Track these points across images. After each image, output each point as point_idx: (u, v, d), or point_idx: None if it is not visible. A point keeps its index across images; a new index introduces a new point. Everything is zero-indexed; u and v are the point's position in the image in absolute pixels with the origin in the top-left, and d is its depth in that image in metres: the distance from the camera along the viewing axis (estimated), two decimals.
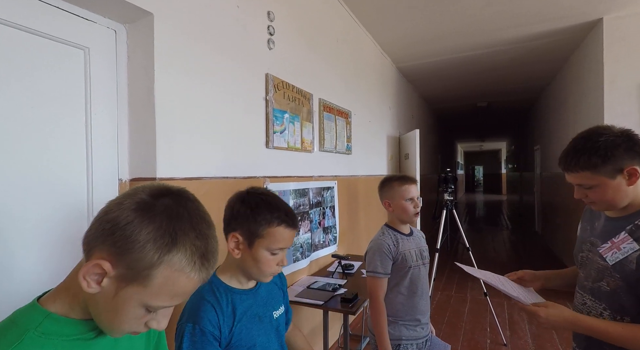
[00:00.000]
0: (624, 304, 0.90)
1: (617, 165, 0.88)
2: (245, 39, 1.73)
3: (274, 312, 1.00)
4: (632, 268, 0.87)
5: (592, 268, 0.99)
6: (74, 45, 1.14)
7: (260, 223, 0.87)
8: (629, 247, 0.89)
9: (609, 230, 0.96)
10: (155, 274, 0.47)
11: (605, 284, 0.94)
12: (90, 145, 1.20)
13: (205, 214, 0.54)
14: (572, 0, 2.91)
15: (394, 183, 1.47)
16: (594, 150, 0.88)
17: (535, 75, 5.13)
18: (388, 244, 1.42)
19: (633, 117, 3.09)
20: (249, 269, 0.91)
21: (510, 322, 3.08)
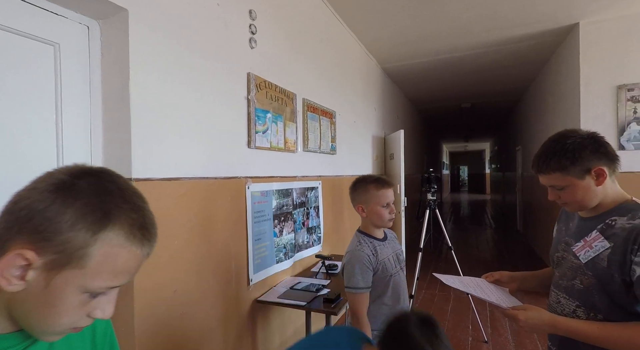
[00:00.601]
0: (596, 302, 0.93)
1: (584, 166, 0.92)
2: (226, 38, 1.71)
3: None
4: (603, 266, 0.90)
5: (566, 267, 1.02)
6: (43, 41, 1.10)
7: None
8: (600, 245, 0.92)
9: (582, 229, 1.00)
10: (92, 252, 0.43)
11: (578, 282, 0.96)
12: (62, 144, 1.16)
13: (135, 188, 0.50)
14: (548, 6, 2.99)
15: (369, 186, 1.36)
16: (563, 152, 0.93)
17: (516, 78, 5.26)
18: (368, 255, 1.31)
19: (607, 119, 3.20)
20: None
21: (492, 319, 3.15)
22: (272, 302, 1.86)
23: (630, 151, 3.13)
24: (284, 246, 2.22)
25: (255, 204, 1.92)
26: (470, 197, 17.85)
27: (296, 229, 2.38)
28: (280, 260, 2.18)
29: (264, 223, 2.02)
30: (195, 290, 1.50)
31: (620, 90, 3.14)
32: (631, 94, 3.11)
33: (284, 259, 2.22)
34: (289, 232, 2.30)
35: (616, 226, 0.91)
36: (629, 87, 3.11)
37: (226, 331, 1.69)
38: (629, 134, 3.12)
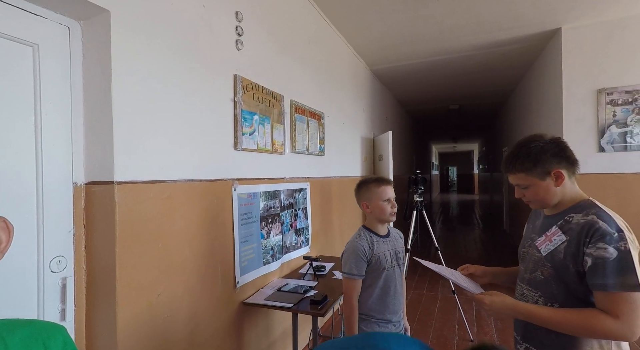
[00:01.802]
0: (554, 291, 1.03)
1: (545, 168, 1.02)
2: (212, 39, 1.70)
3: None
4: (560, 257, 1.00)
5: (530, 260, 1.13)
6: (21, 42, 1.08)
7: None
8: (558, 238, 1.03)
9: (545, 226, 1.10)
10: None
11: (539, 274, 1.07)
12: (41, 147, 1.14)
13: None
14: (531, 11, 3.06)
15: (370, 185, 1.52)
16: (527, 155, 1.04)
17: (502, 80, 5.36)
18: (363, 247, 1.46)
19: (588, 122, 3.29)
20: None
21: (478, 318, 3.20)
22: (259, 304, 1.86)
23: (609, 153, 3.22)
24: (271, 248, 2.22)
25: (242, 206, 1.92)
26: (459, 198, 18.10)
27: (284, 230, 2.38)
28: (268, 262, 2.18)
29: (251, 225, 2.01)
30: (179, 293, 1.49)
31: (601, 94, 3.23)
32: (610, 98, 3.20)
33: (272, 260, 2.22)
34: (277, 233, 2.29)
35: (572, 222, 1.01)
36: (608, 91, 3.21)
37: (212, 334, 1.68)
38: (608, 136, 3.22)
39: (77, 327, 1.24)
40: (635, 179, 3.15)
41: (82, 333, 1.25)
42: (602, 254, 0.91)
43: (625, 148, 3.17)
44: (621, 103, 3.18)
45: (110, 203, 1.22)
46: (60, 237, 1.19)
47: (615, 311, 0.90)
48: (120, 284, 1.23)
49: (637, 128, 3.13)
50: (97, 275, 1.25)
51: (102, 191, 1.24)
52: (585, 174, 3.30)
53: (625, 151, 3.18)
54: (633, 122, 3.15)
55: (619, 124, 3.19)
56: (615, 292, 0.90)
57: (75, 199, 1.23)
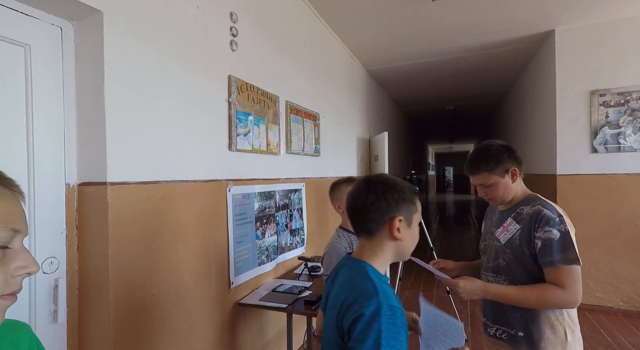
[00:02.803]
0: (516, 274, 1.19)
1: (504, 167, 1.21)
2: (206, 40, 1.70)
3: None
4: (517, 243, 1.18)
5: (491, 250, 1.29)
6: (12, 42, 1.07)
7: (412, 200, 0.89)
8: (513, 228, 1.21)
9: (501, 219, 1.28)
10: None
11: (502, 260, 1.23)
12: (32, 148, 1.14)
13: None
14: (525, 13, 3.09)
15: (341, 185, 1.52)
16: (490, 156, 1.22)
17: (497, 81, 5.39)
18: (345, 247, 1.47)
19: (581, 123, 3.32)
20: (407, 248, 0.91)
21: (472, 318, 3.22)
22: (254, 304, 1.86)
23: (602, 154, 3.26)
24: (266, 248, 2.22)
25: (236, 206, 1.92)
26: (456, 198, 18.17)
27: (279, 231, 2.39)
28: (263, 262, 2.18)
29: (245, 225, 2.01)
30: (173, 294, 1.49)
31: (593, 96, 3.26)
32: (603, 99, 3.24)
33: (267, 261, 2.22)
34: (272, 234, 2.30)
35: (523, 213, 1.20)
36: (601, 93, 3.24)
37: (206, 334, 1.68)
38: (601, 137, 3.25)
39: (69, 328, 1.23)
40: (627, 179, 3.19)
41: (74, 334, 1.25)
42: (549, 236, 1.10)
43: (618, 149, 3.21)
44: (614, 104, 3.21)
45: (103, 204, 1.22)
46: (52, 238, 1.18)
47: (561, 282, 1.08)
48: (113, 285, 1.23)
49: (630, 129, 3.17)
50: (89, 277, 1.25)
51: (94, 192, 1.23)
52: (578, 174, 3.33)
53: (618, 152, 3.21)
54: (625, 123, 3.18)
55: (611, 125, 3.22)
56: (561, 267, 1.08)
57: (67, 200, 1.23)
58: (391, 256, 0.90)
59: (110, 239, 1.21)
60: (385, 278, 0.88)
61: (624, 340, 2.71)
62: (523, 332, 1.18)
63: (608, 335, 2.79)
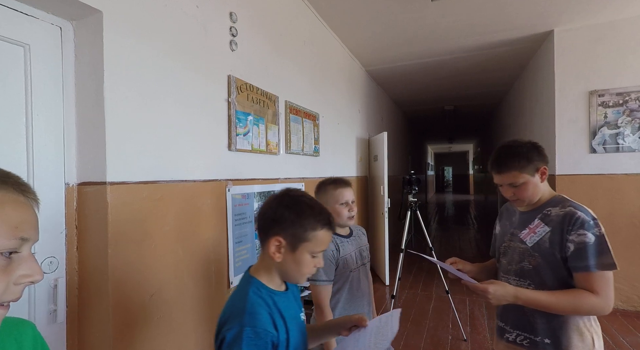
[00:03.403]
0: (543, 278, 1.13)
1: (535, 165, 1.16)
2: (206, 40, 1.70)
3: (300, 314, 0.99)
4: (546, 246, 1.13)
5: (514, 253, 1.23)
6: (12, 42, 1.07)
7: (306, 227, 0.86)
8: (542, 230, 1.15)
9: (525, 220, 1.22)
10: None
11: (527, 263, 1.17)
12: (32, 148, 1.13)
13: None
14: (523, 13, 3.09)
15: (328, 187, 1.45)
16: (520, 154, 1.16)
17: (496, 82, 5.40)
18: (331, 250, 1.40)
19: (580, 123, 3.33)
20: (289, 272, 0.88)
21: (471, 317, 3.22)
22: None
23: (601, 154, 3.27)
24: None
25: (236, 206, 1.92)
26: (455, 198, 18.20)
27: None
28: None
29: (245, 225, 2.01)
30: (172, 294, 1.49)
31: (592, 96, 3.27)
32: (602, 100, 3.25)
33: None
34: None
35: (552, 214, 1.15)
36: (599, 93, 3.25)
37: (205, 334, 1.68)
38: (600, 137, 3.26)
39: (69, 328, 1.23)
40: (626, 179, 3.19)
41: (74, 334, 1.25)
42: (583, 239, 1.05)
43: (616, 149, 3.22)
44: (612, 105, 3.22)
45: (102, 204, 1.22)
46: (52, 238, 1.18)
47: (595, 288, 1.03)
48: (113, 284, 1.23)
49: (628, 129, 3.18)
50: (89, 276, 1.25)
51: (94, 192, 1.23)
52: (577, 174, 3.34)
53: (617, 152, 3.22)
54: (624, 123, 3.19)
55: (610, 126, 3.23)
56: (595, 272, 1.03)
57: (67, 199, 1.23)
58: (278, 274, 0.89)
59: (109, 238, 1.22)
60: (276, 292, 0.88)
61: (623, 340, 2.72)
62: (549, 339, 1.13)
63: (606, 335, 2.80)
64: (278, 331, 0.82)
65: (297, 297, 1.01)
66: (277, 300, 0.87)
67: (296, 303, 0.98)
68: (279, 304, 0.87)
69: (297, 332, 0.89)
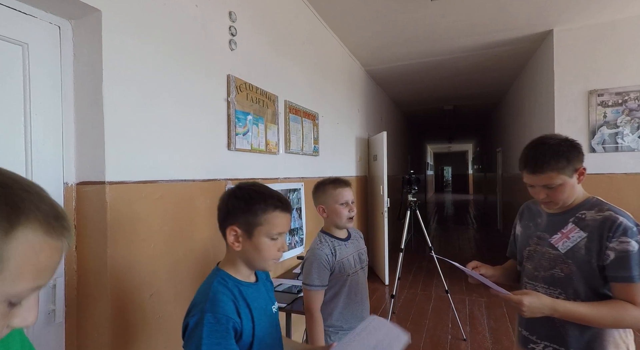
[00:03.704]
0: (576, 287, 1.04)
1: (574, 166, 1.05)
2: (205, 40, 1.70)
3: (272, 307, 1.01)
4: (582, 253, 1.03)
5: (542, 258, 1.13)
6: (10, 41, 1.07)
7: (256, 212, 0.88)
8: (576, 235, 1.05)
9: (555, 223, 1.12)
10: (9, 254, 0.38)
11: (558, 271, 1.08)
12: (30, 147, 1.13)
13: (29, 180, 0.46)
14: (522, 13, 3.10)
15: (327, 187, 1.40)
16: (560, 153, 1.04)
17: (495, 81, 5.41)
18: (326, 254, 1.34)
19: (579, 123, 3.33)
20: (252, 259, 0.91)
21: (471, 317, 3.22)
22: None
23: (600, 154, 3.27)
24: None
25: None
26: (454, 198, 18.21)
27: None
28: None
29: None
30: (172, 294, 1.49)
31: (591, 95, 3.27)
32: (601, 99, 3.25)
33: None
34: None
35: (587, 218, 1.05)
36: (599, 93, 3.25)
37: None
38: (599, 137, 3.26)
39: (67, 328, 1.23)
40: (625, 179, 3.20)
41: (73, 334, 1.24)
42: (626, 247, 0.96)
43: (615, 149, 3.22)
44: (611, 104, 3.22)
45: (101, 203, 1.21)
46: None
47: (638, 300, 0.95)
48: (112, 284, 1.23)
49: (627, 129, 3.18)
50: (88, 276, 1.24)
51: (93, 191, 1.23)
52: None
53: (616, 152, 3.22)
54: (623, 123, 3.19)
55: (609, 125, 3.23)
56: (638, 283, 0.95)
57: (66, 199, 1.22)
58: (244, 264, 0.92)
59: (108, 238, 1.21)
60: (243, 283, 0.91)
61: None
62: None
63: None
64: (242, 319, 0.84)
65: (268, 290, 1.04)
66: (244, 291, 0.90)
67: (267, 295, 1.00)
68: (245, 294, 0.89)
69: (265, 322, 0.92)
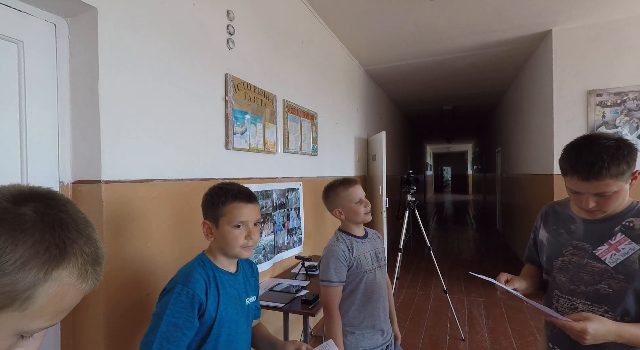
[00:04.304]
0: (626, 305, 0.93)
1: (631, 170, 0.92)
2: (202, 38, 1.69)
3: (247, 299, 1.11)
4: (635, 267, 0.92)
5: (582, 272, 1.01)
6: (5, 38, 1.06)
7: (218, 205, 1.02)
8: (628, 247, 0.94)
9: (598, 233, 1.00)
10: (39, 293, 0.38)
11: (606, 287, 0.96)
12: (25, 146, 1.12)
13: (87, 216, 0.46)
14: (521, 13, 3.10)
15: (337, 189, 1.43)
16: (620, 157, 0.89)
17: (494, 82, 5.41)
18: (343, 250, 1.36)
19: (578, 123, 3.33)
20: (223, 247, 1.03)
21: (469, 317, 3.22)
22: None
23: None
24: (263, 248, 2.21)
25: None
26: (453, 198, 18.21)
27: (276, 230, 2.38)
28: (260, 261, 2.17)
29: None
30: None
31: (590, 96, 3.27)
32: (600, 99, 3.25)
33: (263, 260, 2.21)
34: (269, 233, 2.29)
35: (637, 227, 0.94)
36: (597, 93, 3.25)
37: None
38: None
39: (63, 327, 1.22)
40: None
41: (69, 333, 1.23)
42: None
43: None
44: (610, 104, 3.22)
45: (97, 202, 1.21)
46: None
47: None
48: (108, 283, 1.22)
49: (626, 129, 3.18)
50: None
51: (89, 190, 1.22)
52: None
53: None
54: (622, 123, 3.19)
55: (608, 125, 3.23)
56: None
57: None
58: (220, 253, 1.05)
59: (104, 237, 1.20)
60: (221, 270, 1.04)
61: None
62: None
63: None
64: (208, 299, 0.96)
65: (248, 281, 1.15)
66: (218, 276, 1.02)
67: (244, 286, 1.11)
68: (218, 279, 1.01)
69: (232, 310, 1.02)
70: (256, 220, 1.06)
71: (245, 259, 1.18)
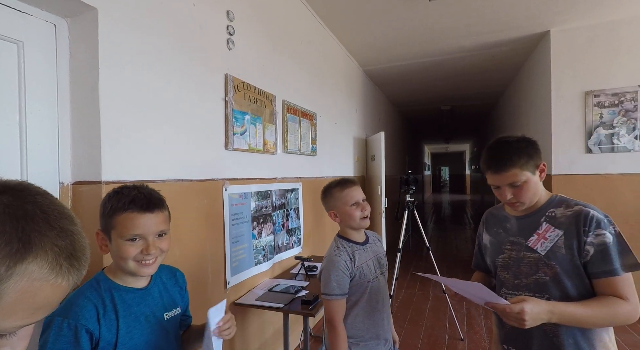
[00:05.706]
0: (565, 289, 0.99)
1: (535, 162, 1.04)
2: (202, 38, 1.69)
3: (166, 314, 0.98)
4: (562, 252, 0.99)
5: (521, 264, 1.08)
6: (5, 39, 1.06)
7: (109, 214, 0.86)
8: (553, 234, 1.02)
9: (527, 225, 1.08)
10: (5, 289, 0.36)
11: (542, 275, 1.02)
12: (25, 146, 1.12)
13: (64, 208, 0.43)
14: (519, 13, 3.11)
15: (333, 190, 1.33)
16: (520, 149, 1.03)
17: (492, 82, 5.42)
18: (345, 261, 1.25)
19: (575, 123, 3.35)
20: (118, 262, 0.88)
21: (468, 317, 3.23)
22: (250, 304, 1.85)
23: (596, 154, 3.29)
24: (262, 248, 2.21)
25: (232, 206, 1.91)
26: (451, 198, 18.26)
27: (275, 230, 2.38)
28: (259, 262, 2.17)
29: (242, 225, 2.00)
30: None
31: (588, 96, 3.29)
32: (597, 100, 3.27)
33: (263, 261, 2.21)
34: (268, 234, 2.29)
35: (558, 216, 1.03)
36: (595, 93, 3.27)
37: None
38: (595, 138, 3.28)
39: None
40: (621, 179, 3.22)
41: None
42: (603, 240, 0.94)
43: (612, 149, 3.24)
44: (608, 105, 3.24)
45: (97, 203, 1.19)
46: None
47: (624, 294, 0.92)
48: None
49: (623, 130, 3.20)
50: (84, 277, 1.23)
51: (89, 191, 1.22)
52: (573, 174, 3.36)
53: (612, 152, 3.24)
54: (619, 124, 3.21)
55: (605, 126, 3.25)
56: (622, 276, 0.93)
57: (61, 199, 1.21)
58: (121, 269, 0.90)
59: None
60: (122, 288, 0.89)
61: (618, 339, 2.74)
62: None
63: None
64: (101, 326, 0.82)
65: (167, 293, 1.01)
66: (118, 296, 0.88)
67: (160, 301, 0.97)
68: (117, 300, 0.87)
69: (140, 330, 0.89)
70: (159, 231, 0.90)
71: (166, 268, 1.06)
